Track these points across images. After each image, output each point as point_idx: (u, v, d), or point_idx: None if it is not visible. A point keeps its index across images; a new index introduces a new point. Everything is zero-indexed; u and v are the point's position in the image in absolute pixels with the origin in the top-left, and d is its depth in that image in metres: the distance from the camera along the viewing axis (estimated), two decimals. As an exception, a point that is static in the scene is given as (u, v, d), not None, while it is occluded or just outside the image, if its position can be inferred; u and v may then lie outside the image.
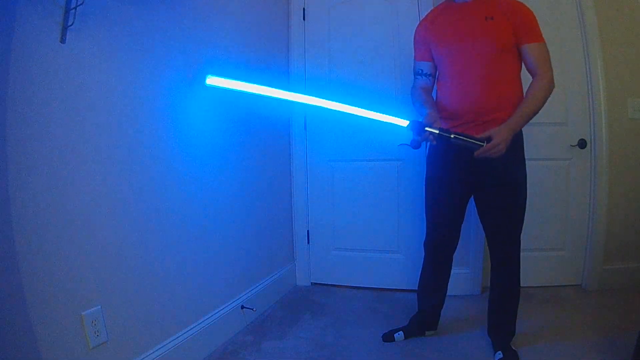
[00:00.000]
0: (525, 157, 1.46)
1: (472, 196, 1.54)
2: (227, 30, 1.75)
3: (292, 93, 1.53)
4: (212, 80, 1.48)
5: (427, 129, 1.30)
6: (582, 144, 2.06)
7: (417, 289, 1.71)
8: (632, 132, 2.05)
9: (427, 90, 1.57)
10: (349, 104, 1.41)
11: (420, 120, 1.33)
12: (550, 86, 1.37)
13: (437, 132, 1.29)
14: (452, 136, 1.27)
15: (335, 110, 1.43)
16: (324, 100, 1.43)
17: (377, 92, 2.18)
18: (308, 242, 2.40)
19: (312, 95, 1.48)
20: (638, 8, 2.03)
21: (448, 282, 1.66)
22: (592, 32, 2.00)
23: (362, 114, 1.37)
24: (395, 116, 1.36)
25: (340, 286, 2.33)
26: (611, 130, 2.03)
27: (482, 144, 1.27)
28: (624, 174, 2.06)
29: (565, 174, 2.11)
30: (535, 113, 1.37)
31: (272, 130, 2.16)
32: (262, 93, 1.42)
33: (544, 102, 1.37)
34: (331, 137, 2.31)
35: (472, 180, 1.47)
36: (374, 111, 1.37)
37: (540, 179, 2.09)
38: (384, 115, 1.36)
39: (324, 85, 2.29)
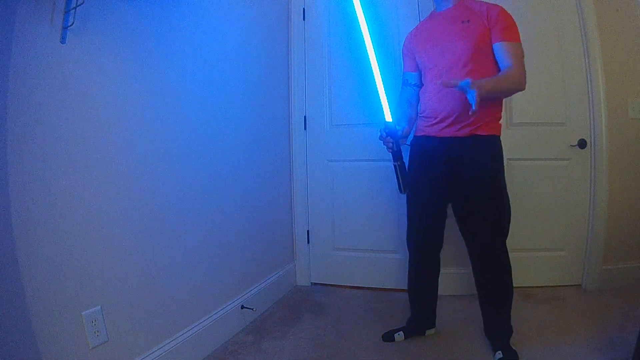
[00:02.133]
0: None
1: (450, 202, 1.55)
2: (228, 30, 1.75)
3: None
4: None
5: (394, 138, 1.44)
6: (582, 144, 2.06)
7: (407, 289, 1.71)
8: (632, 132, 2.05)
9: (412, 104, 1.63)
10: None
11: (397, 129, 1.48)
12: (520, 83, 1.36)
13: (396, 148, 1.44)
14: (397, 163, 1.45)
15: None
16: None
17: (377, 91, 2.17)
18: (308, 242, 2.40)
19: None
20: (638, 8, 2.03)
21: (438, 279, 1.66)
22: (592, 32, 2.00)
23: (375, 72, 1.44)
24: (391, 108, 1.45)
25: (340, 286, 2.33)
26: (611, 130, 2.02)
27: (399, 191, 1.48)
28: (624, 174, 2.05)
29: (565, 174, 2.10)
30: (501, 92, 1.37)
31: (272, 130, 2.16)
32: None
33: (510, 91, 1.39)
34: (331, 137, 2.31)
35: (449, 185, 1.49)
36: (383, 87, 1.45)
37: (540, 179, 2.09)
38: (384, 95, 1.44)
39: (324, 83, 2.30)
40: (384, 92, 1.43)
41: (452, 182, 1.48)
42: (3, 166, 0.91)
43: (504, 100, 1.51)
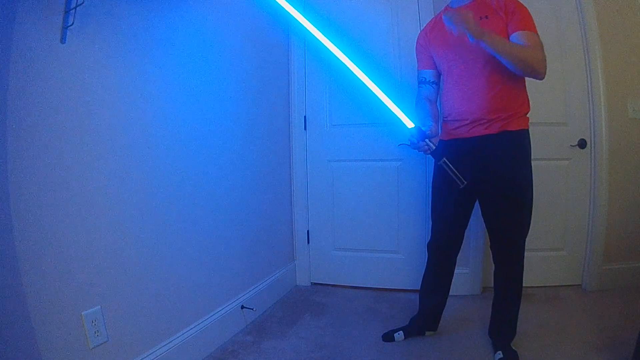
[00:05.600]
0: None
1: (478, 200, 1.54)
2: (228, 30, 1.75)
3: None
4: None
5: (427, 140, 1.33)
6: (582, 144, 2.06)
7: (419, 289, 1.71)
8: (632, 132, 2.04)
9: (432, 102, 1.57)
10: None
11: (424, 129, 1.35)
12: (537, 61, 1.29)
13: (433, 147, 1.33)
14: (440, 161, 1.32)
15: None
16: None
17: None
18: (308, 242, 2.40)
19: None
20: (638, 9, 2.03)
21: (450, 283, 1.65)
22: (592, 32, 2.00)
23: (378, 94, 1.34)
24: (407, 113, 1.35)
25: (341, 286, 2.33)
26: (611, 130, 2.02)
27: (460, 184, 1.31)
28: (624, 174, 2.05)
29: (565, 174, 2.11)
30: (510, 55, 1.27)
31: (272, 130, 2.16)
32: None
33: (523, 62, 1.28)
34: (331, 137, 2.31)
35: (477, 183, 1.47)
36: (389, 98, 1.35)
37: (540, 179, 2.07)
38: (395, 106, 1.34)
39: (324, 83, 2.30)
40: (391, 102, 1.32)
41: (480, 180, 1.45)
42: (3, 166, 0.91)
43: None
